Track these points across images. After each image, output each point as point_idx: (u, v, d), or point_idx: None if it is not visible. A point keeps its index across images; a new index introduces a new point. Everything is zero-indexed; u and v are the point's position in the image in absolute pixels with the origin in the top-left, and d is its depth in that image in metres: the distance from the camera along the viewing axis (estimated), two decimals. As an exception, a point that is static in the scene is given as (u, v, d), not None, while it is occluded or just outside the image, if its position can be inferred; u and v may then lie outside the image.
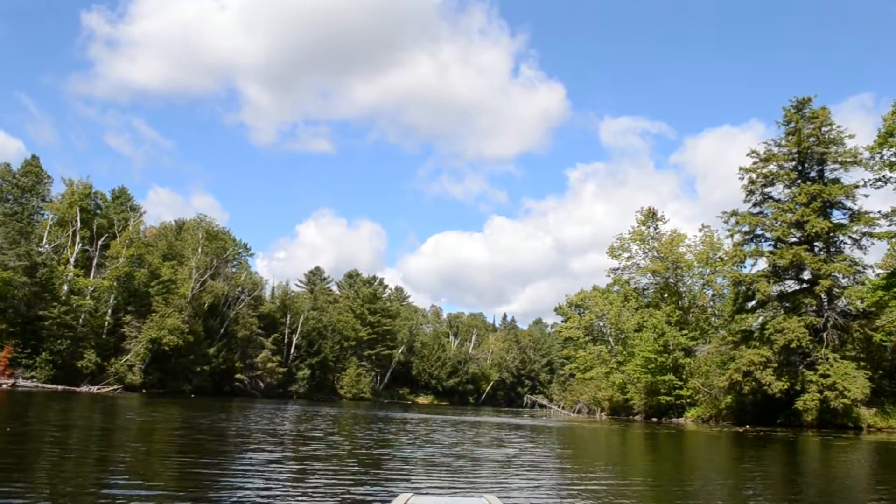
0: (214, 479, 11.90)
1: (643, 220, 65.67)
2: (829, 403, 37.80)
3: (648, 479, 15.75)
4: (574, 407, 70.55)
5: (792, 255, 40.26)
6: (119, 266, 65.43)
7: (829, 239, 42.56)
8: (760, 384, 39.89)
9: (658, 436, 34.39)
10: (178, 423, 27.18)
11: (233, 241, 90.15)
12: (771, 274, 42.53)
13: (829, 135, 42.40)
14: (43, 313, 56.45)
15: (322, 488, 11.30)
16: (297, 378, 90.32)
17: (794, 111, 43.39)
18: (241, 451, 17.18)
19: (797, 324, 39.35)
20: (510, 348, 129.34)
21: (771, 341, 40.07)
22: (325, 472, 13.51)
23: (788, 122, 43.67)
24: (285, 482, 11.87)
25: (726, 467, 19.58)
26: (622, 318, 63.78)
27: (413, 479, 12.78)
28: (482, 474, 14.03)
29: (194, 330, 70.22)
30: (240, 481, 11.62)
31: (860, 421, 38.86)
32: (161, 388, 66.04)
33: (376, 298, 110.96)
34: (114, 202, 76.45)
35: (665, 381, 53.06)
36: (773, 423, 41.28)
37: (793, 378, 39.50)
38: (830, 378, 37.86)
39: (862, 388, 37.00)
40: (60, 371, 56.53)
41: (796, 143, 42.62)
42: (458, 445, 21.32)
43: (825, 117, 42.25)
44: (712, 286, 62.30)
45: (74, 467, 12.69)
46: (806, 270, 42.32)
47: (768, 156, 44.17)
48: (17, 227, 62.06)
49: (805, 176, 43.83)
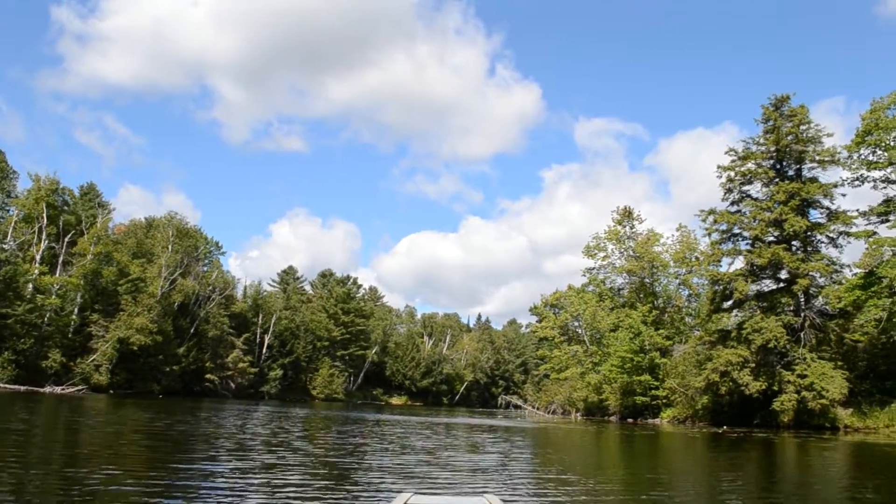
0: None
1: (619, 220, 65.27)
2: (806, 404, 37.48)
3: (625, 481, 15.39)
4: (549, 407, 70.02)
5: (770, 253, 39.91)
6: (86, 264, 63.80)
7: (806, 238, 42.30)
8: (738, 384, 39.50)
9: (634, 437, 33.86)
10: (129, 425, 26.09)
11: (204, 239, 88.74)
12: (748, 273, 42.17)
13: (808, 133, 42.14)
14: (6, 311, 54.73)
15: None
16: (268, 378, 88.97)
17: (773, 109, 43.09)
18: (181, 459, 16.01)
19: (775, 323, 39.00)
20: (484, 349, 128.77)
21: (748, 341, 39.68)
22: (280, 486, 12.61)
23: (767, 120, 43.36)
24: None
25: (705, 469, 19.08)
26: (598, 318, 63.28)
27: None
28: (456, 481, 13.22)
29: (163, 329, 68.74)
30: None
31: (837, 421, 38.58)
32: (129, 388, 64.53)
33: (350, 298, 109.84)
34: (82, 198, 74.56)
35: (641, 382, 52.63)
36: (750, 423, 40.94)
37: (770, 378, 39.13)
38: (808, 378, 37.55)
39: (840, 389, 36.73)
40: (24, 371, 54.91)
41: (775, 141, 42.30)
42: (434, 452, 20.49)
43: (803, 115, 41.98)
44: (688, 286, 62.14)
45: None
46: (783, 270, 42.01)
47: (746, 154, 43.83)
48: (-22, 223, 60.39)
49: (783, 174, 43.55)
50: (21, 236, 63.58)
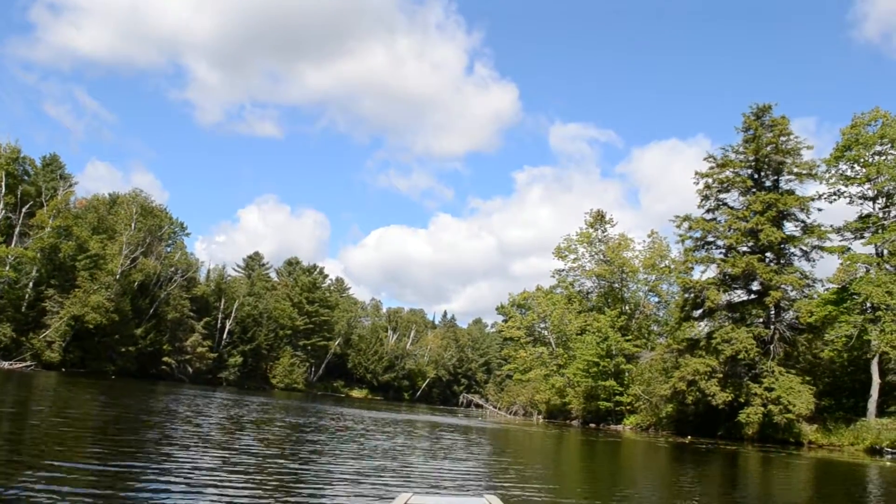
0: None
1: (592, 223, 64.77)
2: (772, 417, 37.06)
3: (588, 490, 14.69)
4: (510, 408, 69.41)
5: (745, 263, 39.42)
6: (44, 237, 61.64)
7: (780, 250, 41.91)
8: (704, 394, 38.94)
9: (597, 443, 33.08)
10: (56, 405, 24.65)
11: (169, 218, 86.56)
12: (721, 282, 41.73)
13: (787, 144, 41.76)
14: (-46, 281, 52.66)
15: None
16: (228, 364, 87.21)
17: (754, 118, 42.63)
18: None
19: (745, 334, 38.53)
20: (448, 346, 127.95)
21: (718, 351, 39.15)
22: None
23: (747, 129, 42.90)
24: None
25: (670, 480, 18.26)
26: (565, 320, 62.69)
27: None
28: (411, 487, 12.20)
29: (121, 308, 66.74)
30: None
31: (802, 437, 38.19)
32: (82, 367, 62.54)
33: (315, 288, 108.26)
34: (44, 169, 72.20)
35: (605, 387, 52.08)
36: (715, 434, 40.51)
37: (737, 390, 38.67)
38: (775, 392, 37.11)
39: (807, 404, 36.32)
40: (-29, 344, 52.87)
41: (754, 150, 41.84)
42: (389, 453, 19.47)
43: (784, 126, 41.56)
44: (658, 293, 61.77)
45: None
46: (756, 281, 41.59)
47: (725, 161, 43.33)
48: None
49: (760, 185, 43.13)
50: (-24, 204, 61.31)
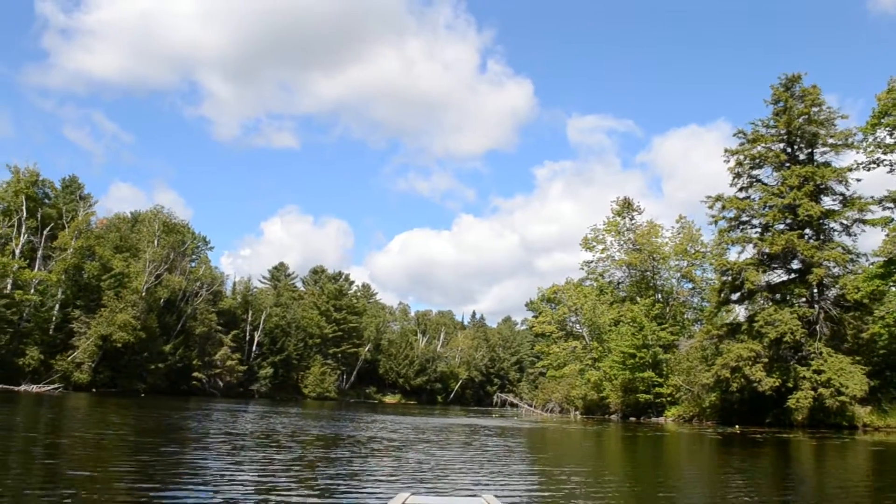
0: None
1: (619, 211, 63.15)
2: (823, 401, 35.26)
3: (635, 489, 13.34)
4: (546, 406, 67.91)
5: (784, 241, 37.66)
6: (66, 258, 61.40)
7: (819, 225, 40.06)
8: (749, 381, 37.17)
9: (642, 438, 31.57)
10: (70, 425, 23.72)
11: (191, 234, 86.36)
12: (759, 262, 39.98)
13: (820, 115, 39.91)
14: (-20, 307, 52.41)
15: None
16: (258, 377, 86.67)
17: (783, 89, 40.77)
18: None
19: (789, 316, 36.77)
20: (479, 346, 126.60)
21: (761, 334, 37.41)
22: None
23: (777, 101, 41.04)
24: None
25: (723, 473, 16.82)
26: (597, 313, 61.01)
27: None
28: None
29: (148, 326, 66.41)
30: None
31: (855, 420, 36.32)
32: (113, 387, 62.24)
33: (342, 295, 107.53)
34: (63, 191, 72.12)
35: (644, 379, 50.41)
36: (762, 422, 38.75)
37: (784, 374, 36.89)
38: (825, 374, 35.32)
39: (860, 385, 34.44)
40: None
41: (786, 122, 40.01)
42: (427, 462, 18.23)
43: (816, 96, 39.68)
44: (691, 279, 59.95)
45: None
46: (796, 259, 39.80)
47: (755, 136, 41.51)
48: (-47, 215, 58.00)
49: (794, 158, 41.23)
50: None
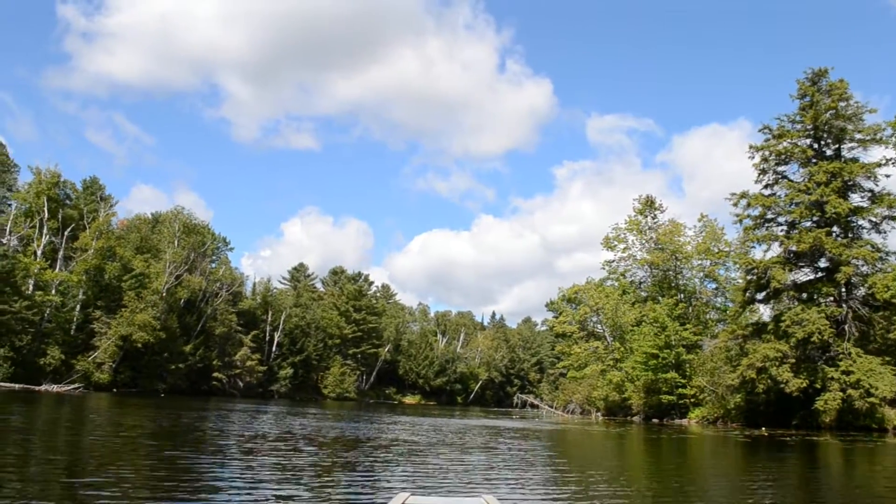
0: None
1: (640, 209, 62.36)
2: (852, 403, 34.44)
3: (659, 496, 12.74)
4: (567, 407, 67.23)
5: (812, 238, 36.84)
6: (87, 259, 61.62)
7: (847, 223, 39.14)
8: (776, 382, 36.42)
9: (665, 440, 30.89)
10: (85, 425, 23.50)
11: (211, 234, 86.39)
12: (785, 261, 39.13)
13: (848, 110, 39.01)
14: (3, 308, 52.52)
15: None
16: (278, 377, 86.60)
17: (810, 84, 39.93)
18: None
19: (817, 315, 35.93)
20: (499, 347, 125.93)
21: (787, 334, 36.60)
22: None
23: (803, 96, 40.19)
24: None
25: (753, 478, 16.21)
26: (619, 312, 60.20)
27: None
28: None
29: (168, 326, 66.54)
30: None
31: (885, 422, 35.41)
32: (133, 387, 62.39)
33: (361, 295, 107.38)
34: (84, 192, 72.46)
35: (667, 380, 49.65)
36: (789, 424, 37.95)
37: (812, 375, 36.08)
38: (854, 375, 34.47)
39: (890, 386, 33.56)
40: (21, 369, 52.69)
41: (812, 117, 39.14)
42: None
43: (843, 90, 38.78)
44: (715, 279, 59.05)
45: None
46: (823, 257, 38.93)
47: (781, 132, 40.65)
48: (-25, 216, 58.37)
49: (821, 154, 40.36)
50: (20, 230, 61.51)
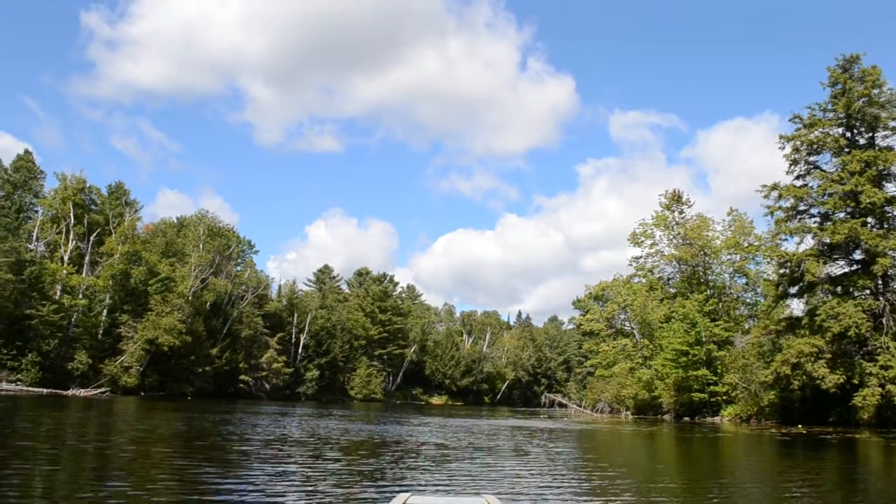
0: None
1: (667, 204, 61.28)
2: (891, 399, 33.36)
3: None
4: (595, 406, 66.30)
5: (847, 230, 35.74)
6: (113, 263, 61.89)
7: (883, 213, 37.94)
8: (811, 378, 35.38)
9: (699, 439, 30.04)
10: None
11: (236, 237, 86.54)
12: (819, 253, 38.04)
13: (881, 97, 37.83)
14: (30, 312, 52.84)
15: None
16: (305, 379, 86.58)
17: (841, 71, 38.79)
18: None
19: (854, 309, 34.88)
20: (525, 346, 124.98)
21: (823, 329, 35.54)
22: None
23: (834, 84, 39.04)
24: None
25: (795, 480, 15.43)
26: (648, 309, 59.09)
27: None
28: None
29: (195, 329, 66.65)
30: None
31: (927, 418, 34.40)
32: (161, 390, 62.54)
33: (387, 296, 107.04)
34: (109, 197, 72.86)
35: (698, 377, 48.65)
36: (825, 421, 36.89)
37: (849, 370, 34.99)
38: (893, 370, 33.42)
39: (932, 380, 32.56)
40: (48, 374, 52.97)
41: (845, 105, 38.02)
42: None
43: (876, 77, 37.60)
44: (745, 273, 57.83)
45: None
46: (859, 249, 37.78)
47: (812, 121, 39.52)
48: (2, 223, 58.76)
49: (854, 143, 39.23)
50: (47, 236, 61.97)
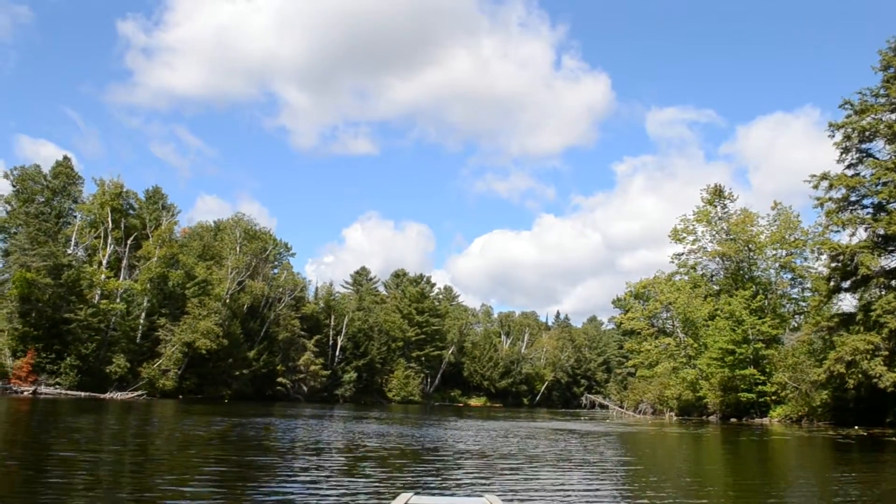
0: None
1: (709, 199, 59.56)
2: (954, 397, 31.68)
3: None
4: (638, 407, 64.81)
5: (906, 219, 34.04)
6: (151, 267, 62.09)
7: (940, 202, 36.16)
8: (868, 376, 33.71)
9: (752, 443, 28.62)
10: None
11: (273, 240, 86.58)
12: (874, 245, 36.30)
13: (938, 80, 36.08)
14: (69, 316, 53.07)
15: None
16: (342, 381, 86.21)
17: (894, 54, 37.09)
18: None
19: (912, 303, 33.20)
20: (564, 347, 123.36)
21: (879, 325, 33.85)
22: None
23: (887, 67, 37.27)
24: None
25: (872, 489, 14.18)
26: (692, 307, 57.33)
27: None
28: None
29: (232, 332, 66.66)
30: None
31: None
32: (199, 393, 62.57)
33: (424, 297, 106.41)
34: (147, 202, 73.30)
35: (745, 376, 46.98)
36: (882, 422, 35.17)
37: (908, 368, 33.35)
38: (956, 367, 31.71)
39: None
40: (87, 377, 53.21)
41: (899, 89, 36.33)
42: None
43: (933, 59, 35.91)
44: (792, 269, 55.85)
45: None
46: (916, 240, 36.02)
47: (864, 107, 37.70)
48: (42, 228, 59.22)
49: (909, 129, 37.43)
50: (86, 241, 62.39)
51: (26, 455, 14.61)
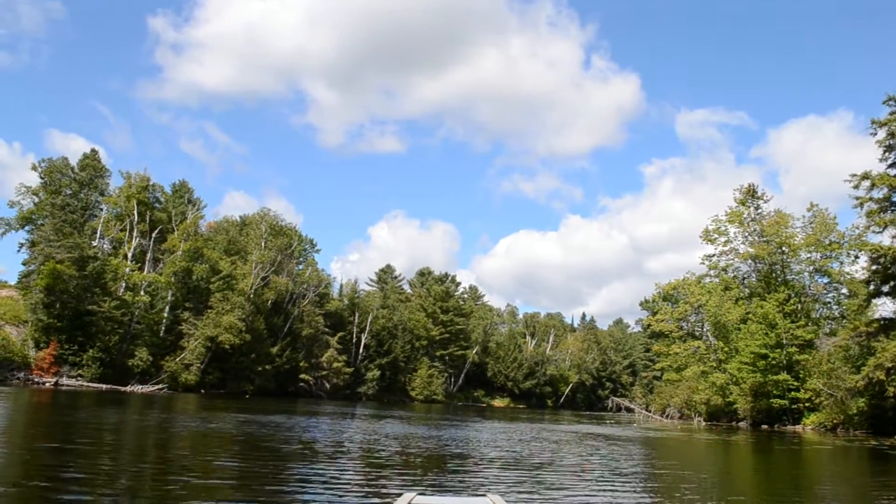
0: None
1: (742, 200, 58.14)
2: None
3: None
4: (665, 411, 63.56)
5: (951, 221, 32.75)
6: (175, 260, 61.97)
7: None
8: (909, 384, 32.48)
9: (787, 452, 27.51)
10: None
11: (298, 236, 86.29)
12: (917, 248, 35.00)
13: None
14: (92, 308, 52.98)
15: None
16: (365, 379, 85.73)
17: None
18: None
19: (957, 308, 31.89)
20: (589, 349, 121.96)
21: (921, 330, 32.66)
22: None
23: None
24: None
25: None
26: (723, 310, 55.91)
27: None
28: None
29: (255, 328, 66.36)
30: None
31: None
32: (222, 388, 62.35)
33: (448, 296, 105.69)
34: (173, 195, 73.35)
35: (777, 382, 45.63)
36: (922, 431, 33.89)
37: (951, 376, 32.03)
38: None
39: None
40: (109, 369, 53.11)
41: (946, 87, 34.95)
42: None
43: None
44: (828, 272, 54.31)
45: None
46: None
47: (908, 103, 36.53)
48: (68, 219, 59.32)
49: (954, 127, 36.05)
50: (111, 233, 62.43)
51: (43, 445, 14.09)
